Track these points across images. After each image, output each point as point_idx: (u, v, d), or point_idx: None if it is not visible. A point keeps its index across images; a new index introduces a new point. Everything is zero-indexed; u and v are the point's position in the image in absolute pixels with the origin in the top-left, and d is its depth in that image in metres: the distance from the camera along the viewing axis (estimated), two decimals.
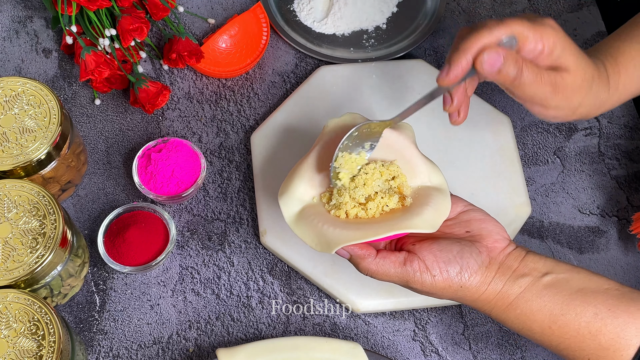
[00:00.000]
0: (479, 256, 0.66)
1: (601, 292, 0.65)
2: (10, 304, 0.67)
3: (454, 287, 0.66)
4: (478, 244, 0.67)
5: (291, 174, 0.71)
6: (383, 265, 0.66)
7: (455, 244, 0.66)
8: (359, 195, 0.68)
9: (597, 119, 0.94)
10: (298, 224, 0.68)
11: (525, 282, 0.65)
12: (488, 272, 0.66)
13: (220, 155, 0.90)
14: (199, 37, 0.98)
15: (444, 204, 0.68)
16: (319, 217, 0.68)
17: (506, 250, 0.67)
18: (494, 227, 0.68)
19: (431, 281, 0.65)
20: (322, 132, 0.73)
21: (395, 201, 0.68)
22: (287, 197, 0.69)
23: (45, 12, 0.99)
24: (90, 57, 0.86)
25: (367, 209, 0.68)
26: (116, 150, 0.90)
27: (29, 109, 0.78)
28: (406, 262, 0.66)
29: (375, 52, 0.97)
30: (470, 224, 0.69)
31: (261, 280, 0.83)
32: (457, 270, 0.65)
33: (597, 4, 1.03)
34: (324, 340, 0.75)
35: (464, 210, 0.70)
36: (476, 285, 0.66)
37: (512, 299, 0.66)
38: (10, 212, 0.73)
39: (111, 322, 0.80)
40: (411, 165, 0.71)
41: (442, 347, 0.80)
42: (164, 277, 0.83)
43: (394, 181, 0.69)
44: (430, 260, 0.65)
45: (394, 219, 0.67)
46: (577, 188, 0.90)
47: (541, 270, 0.66)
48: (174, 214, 0.86)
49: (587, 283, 0.65)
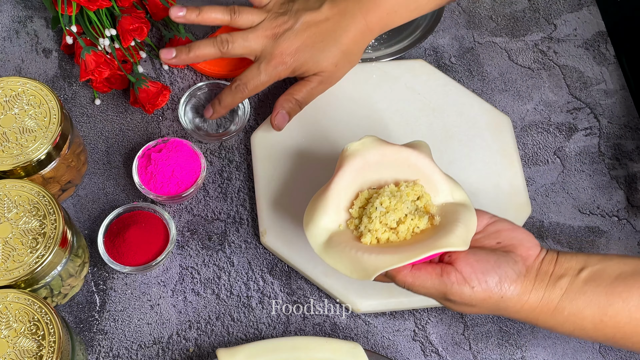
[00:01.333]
0: (515, 265, 0.65)
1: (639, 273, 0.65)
2: (10, 304, 0.67)
3: (494, 298, 0.65)
4: (512, 253, 0.66)
5: (315, 203, 0.70)
6: (419, 277, 0.65)
7: (492, 254, 0.66)
8: (390, 221, 0.67)
9: (597, 119, 0.94)
10: (329, 253, 0.67)
11: (564, 283, 0.65)
12: (527, 281, 0.65)
13: (220, 155, 0.90)
14: (199, 37, 0.98)
15: (472, 219, 0.67)
16: (350, 244, 0.67)
17: (540, 256, 0.67)
18: (524, 235, 0.68)
19: (470, 293, 0.64)
20: (342, 156, 0.71)
21: (425, 222, 0.68)
22: (313, 226, 0.68)
23: (45, 12, 0.99)
24: (90, 57, 0.86)
25: (398, 233, 0.68)
26: (116, 150, 0.90)
27: (29, 109, 0.78)
28: (443, 274, 0.65)
29: (375, 52, 0.97)
30: (499, 235, 0.68)
31: (261, 280, 0.83)
32: (496, 281, 0.64)
33: (597, 4, 1.03)
34: (324, 340, 0.75)
35: (490, 222, 0.70)
36: (517, 294, 0.65)
37: (556, 302, 0.65)
38: (10, 212, 0.73)
39: (111, 322, 0.80)
40: (433, 183, 0.70)
41: (442, 347, 0.80)
42: (164, 277, 0.83)
43: (420, 201, 0.69)
44: (468, 271, 0.65)
45: (426, 239, 0.66)
46: (577, 188, 0.90)
47: (576, 267, 0.66)
48: (174, 214, 0.86)
49: (623, 268, 0.65)
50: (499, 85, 0.96)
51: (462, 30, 1.01)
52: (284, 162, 0.87)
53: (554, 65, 0.98)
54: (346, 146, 0.71)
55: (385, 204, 0.68)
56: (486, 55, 0.99)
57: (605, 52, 0.99)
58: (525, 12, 1.02)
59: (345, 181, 0.70)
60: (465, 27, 1.01)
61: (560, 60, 0.99)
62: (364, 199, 0.70)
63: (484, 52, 0.99)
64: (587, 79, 0.97)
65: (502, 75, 0.97)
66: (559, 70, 0.98)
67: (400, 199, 0.68)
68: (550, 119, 0.94)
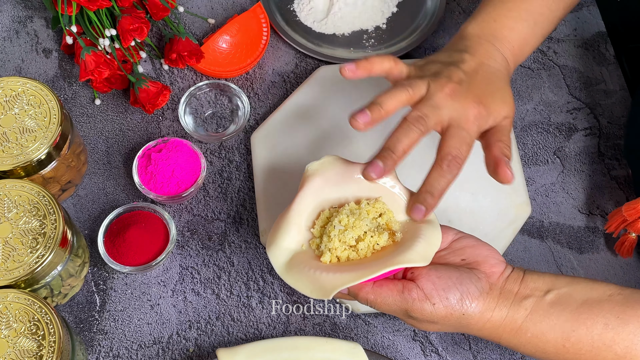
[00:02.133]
0: (478, 282, 0.65)
1: (605, 301, 0.64)
2: (10, 304, 0.67)
3: (455, 315, 0.65)
4: (476, 270, 0.66)
5: (277, 224, 0.70)
6: (381, 293, 0.65)
7: (454, 271, 0.66)
8: (349, 239, 0.67)
9: (597, 119, 0.94)
10: (290, 274, 0.67)
11: (529, 304, 0.65)
12: (490, 298, 0.65)
13: (220, 155, 0.90)
14: (199, 37, 0.98)
15: (435, 235, 0.67)
16: (310, 263, 0.67)
17: (504, 274, 0.67)
18: (489, 251, 0.68)
19: (431, 310, 0.64)
20: (303, 177, 0.72)
21: (386, 238, 0.68)
22: (275, 247, 0.69)
23: (45, 12, 0.99)
24: (90, 57, 0.86)
25: (357, 250, 0.68)
26: (116, 150, 0.90)
27: (29, 109, 0.78)
28: (404, 290, 0.65)
29: (375, 52, 0.97)
30: (464, 252, 0.68)
31: (261, 280, 0.83)
32: (457, 297, 0.64)
33: (597, 4, 1.03)
34: (324, 340, 0.75)
35: (455, 238, 0.69)
36: (479, 312, 0.65)
37: (519, 322, 0.65)
38: (10, 212, 0.73)
39: (111, 322, 0.80)
40: (396, 199, 0.70)
41: (442, 347, 0.81)
42: (164, 277, 0.83)
43: (382, 218, 0.69)
44: (429, 288, 0.64)
45: (386, 256, 0.66)
46: (577, 188, 0.90)
47: (542, 288, 0.65)
48: (174, 214, 0.86)
49: (589, 293, 0.65)
50: None
51: None
52: (284, 162, 0.87)
53: (554, 65, 0.98)
54: (306, 166, 0.71)
55: (343, 222, 0.68)
56: None
57: (605, 52, 0.99)
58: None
59: (306, 201, 0.70)
60: None
61: (560, 60, 0.99)
62: (325, 218, 0.70)
63: None
64: (587, 79, 0.97)
65: None
66: (559, 70, 0.98)
67: (359, 216, 0.68)
68: (550, 119, 0.94)
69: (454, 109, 0.70)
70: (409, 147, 0.68)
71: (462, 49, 0.75)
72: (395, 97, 0.70)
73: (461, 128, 0.69)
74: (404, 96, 0.70)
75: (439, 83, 0.71)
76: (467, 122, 0.70)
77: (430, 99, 0.70)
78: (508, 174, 0.70)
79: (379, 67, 0.73)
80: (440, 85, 0.70)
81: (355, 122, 0.68)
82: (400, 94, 0.70)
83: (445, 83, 0.70)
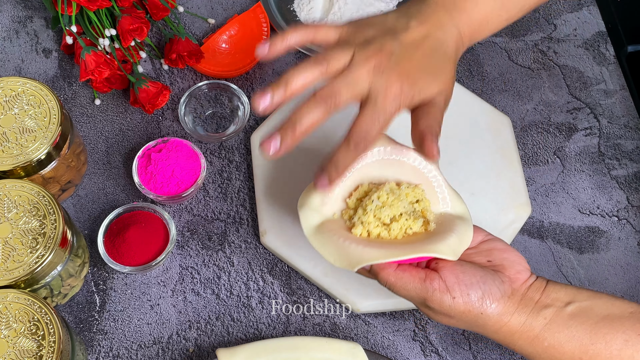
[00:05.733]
0: (502, 285, 0.65)
1: (627, 317, 0.64)
2: (10, 304, 0.67)
3: (474, 313, 0.64)
4: (501, 273, 0.66)
5: (312, 186, 0.69)
6: (402, 278, 0.64)
7: (479, 270, 0.65)
8: (384, 216, 0.67)
9: (597, 119, 0.94)
10: (317, 237, 0.66)
11: (549, 313, 0.64)
12: (510, 303, 0.64)
13: (220, 155, 0.90)
14: (199, 37, 0.98)
15: (467, 232, 0.67)
16: (339, 232, 0.66)
17: (528, 281, 0.66)
18: (516, 257, 0.67)
19: (450, 303, 0.64)
20: None
21: (419, 225, 0.68)
22: (306, 208, 0.68)
23: (45, 12, 0.99)
24: (90, 57, 0.86)
25: (390, 230, 0.67)
26: (116, 150, 0.90)
27: (29, 109, 0.78)
28: (426, 279, 0.64)
29: None
30: (491, 254, 0.67)
31: (261, 280, 0.83)
32: (479, 295, 0.64)
33: (597, 4, 1.03)
34: (324, 340, 0.75)
35: (484, 239, 0.69)
36: (498, 314, 0.64)
37: (537, 331, 0.64)
38: (10, 212, 0.73)
39: (111, 322, 0.80)
40: (435, 191, 0.70)
41: (442, 347, 0.80)
42: (164, 277, 0.83)
43: (418, 205, 0.69)
44: (452, 281, 0.64)
45: (416, 242, 0.65)
46: (577, 188, 0.90)
47: (563, 299, 0.65)
48: (174, 214, 0.86)
49: (610, 309, 0.64)
50: (499, 85, 0.96)
51: None
52: (284, 162, 0.87)
53: (554, 65, 0.98)
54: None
55: (382, 198, 0.67)
56: (486, 55, 0.99)
57: (605, 52, 0.99)
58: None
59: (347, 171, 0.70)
60: None
61: (560, 60, 0.99)
62: (362, 192, 0.70)
63: (484, 52, 0.99)
64: (587, 79, 0.97)
65: (502, 75, 0.97)
66: (559, 70, 0.98)
67: (399, 197, 0.68)
68: (550, 119, 0.94)
69: (375, 83, 0.65)
70: (312, 125, 0.64)
71: (412, 14, 0.69)
72: (305, 72, 0.65)
73: (376, 105, 0.65)
74: (317, 71, 0.65)
75: (365, 54, 0.65)
76: (385, 99, 0.65)
77: (349, 72, 0.65)
78: (433, 149, 0.66)
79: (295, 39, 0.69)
80: (365, 57, 0.65)
81: (255, 106, 0.64)
82: (313, 69, 0.65)
83: (372, 55, 0.65)
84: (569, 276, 0.85)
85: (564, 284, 0.67)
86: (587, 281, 0.84)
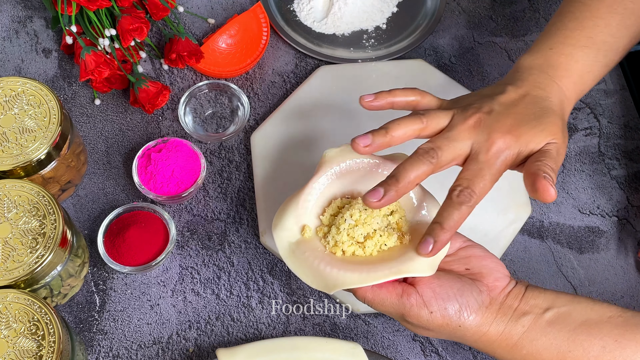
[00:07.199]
0: (479, 295, 0.65)
1: (605, 322, 0.64)
2: (10, 304, 0.67)
3: (452, 326, 0.64)
4: (479, 282, 0.66)
5: (286, 206, 0.70)
6: (379, 294, 0.65)
7: (457, 281, 0.65)
8: (357, 235, 0.67)
9: (597, 119, 0.94)
10: (293, 259, 0.67)
11: (527, 321, 0.64)
12: (488, 313, 0.65)
13: (220, 155, 0.90)
14: (199, 37, 0.98)
15: None
16: (315, 253, 0.67)
17: (507, 289, 0.66)
18: (495, 264, 0.67)
19: (428, 317, 0.64)
20: (320, 162, 0.71)
21: (394, 240, 0.68)
22: (280, 229, 0.68)
23: (45, 12, 0.99)
24: (90, 57, 0.86)
25: (364, 247, 0.67)
26: (116, 150, 0.90)
27: (29, 109, 0.78)
28: (403, 295, 0.64)
29: (375, 52, 0.97)
30: (469, 261, 0.67)
31: (261, 280, 0.83)
32: (456, 309, 0.64)
33: None
34: (324, 340, 0.75)
35: (462, 246, 0.69)
36: (476, 325, 0.64)
37: (516, 339, 0.64)
38: (10, 212, 0.73)
39: (111, 322, 0.80)
40: (408, 197, 0.70)
41: (442, 347, 0.80)
42: (164, 277, 0.83)
43: (393, 216, 0.69)
44: (429, 295, 0.64)
45: (391, 260, 0.65)
46: (577, 188, 0.90)
47: (542, 306, 0.65)
48: (174, 214, 0.86)
49: (589, 314, 0.64)
50: None
51: (462, 30, 1.01)
52: (284, 162, 0.87)
53: None
54: (324, 152, 0.71)
55: (355, 216, 0.67)
56: (486, 55, 0.99)
57: None
58: (525, 12, 1.02)
59: (319, 187, 0.70)
60: (465, 27, 1.01)
61: None
62: (336, 207, 0.70)
63: (484, 52, 0.99)
64: None
65: (502, 75, 0.97)
66: None
67: (372, 213, 0.68)
68: None
69: (476, 140, 0.65)
70: (415, 179, 0.64)
71: (508, 82, 0.70)
72: (405, 125, 0.66)
73: (477, 160, 0.65)
74: (416, 126, 0.66)
75: (464, 115, 0.66)
76: (487, 153, 0.65)
77: (449, 130, 0.66)
78: (549, 189, 0.62)
79: (402, 100, 0.70)
80: (464, 116, 0.66)
81: (356, 146, 0.66)
82: (413, 123, 0.66)
83: (471, 114, 0.66)
84: (569, 276, 0.85)
85: (543, 289, 0.67)
86: (587, 281, 0.84)
